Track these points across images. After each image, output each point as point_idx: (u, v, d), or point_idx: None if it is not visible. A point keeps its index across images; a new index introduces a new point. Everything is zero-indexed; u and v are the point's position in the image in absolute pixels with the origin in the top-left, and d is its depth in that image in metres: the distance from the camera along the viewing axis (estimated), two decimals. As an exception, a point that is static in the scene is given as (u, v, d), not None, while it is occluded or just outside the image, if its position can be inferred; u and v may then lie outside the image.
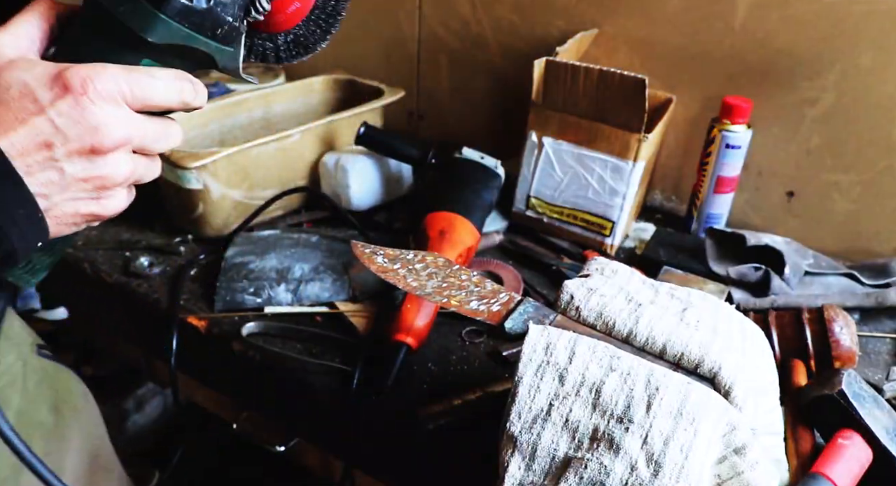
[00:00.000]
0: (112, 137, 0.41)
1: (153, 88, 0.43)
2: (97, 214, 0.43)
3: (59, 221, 0.42)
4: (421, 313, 0.82)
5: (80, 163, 0.41)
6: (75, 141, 0.40)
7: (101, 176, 0.42)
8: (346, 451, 0.80)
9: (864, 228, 1.04)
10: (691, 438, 0.50)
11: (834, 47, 0.96)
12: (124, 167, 0.43)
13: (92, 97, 0.40)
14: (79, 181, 0.41)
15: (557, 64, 0.96)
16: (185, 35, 0.44)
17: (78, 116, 0.39)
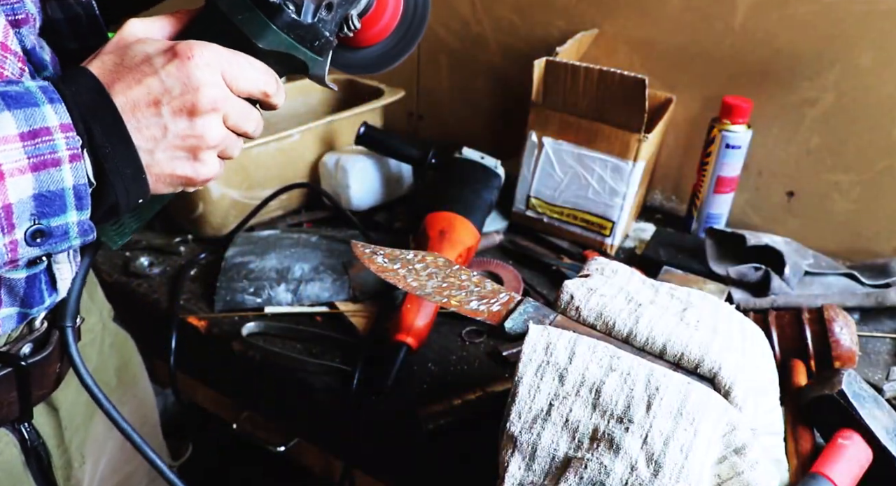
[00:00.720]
0: (209, 97, 0.46)
1: (246, 72, 0.48)
2: (190, 177, 0.48)
3: (157, 178, 0.47)
4: (421, 313, 0.82)
5: (182, 121, 0.46)
6: (178, 98, 0.45)
7: (197, 135, 0.46)
8: (346, 451, 0.80)
9: (864, 228, 1.04)
10: (691, 438, 0.50)
11: (834, 47, 0.96)
12: (217, 131, 0.48)
13: (197, 62, 0.46)
14: (178, 138, 0.46)
15: (557, 64, 0.96)
16: (288, 44, 0.51)
17: (183, 77, 0.45)
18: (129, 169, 0.45)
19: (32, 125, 0.41)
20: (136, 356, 0.83)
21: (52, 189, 0.42)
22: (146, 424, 0.83)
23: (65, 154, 0.42)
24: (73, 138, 0.42)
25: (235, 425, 0.97)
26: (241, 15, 0.49)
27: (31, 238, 0.42)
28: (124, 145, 0.44)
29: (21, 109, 0.41)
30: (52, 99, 0.42)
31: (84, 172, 0.43)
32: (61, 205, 0.43)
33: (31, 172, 0.41)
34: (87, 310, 0.71)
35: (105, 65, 0.46)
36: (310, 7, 0.51)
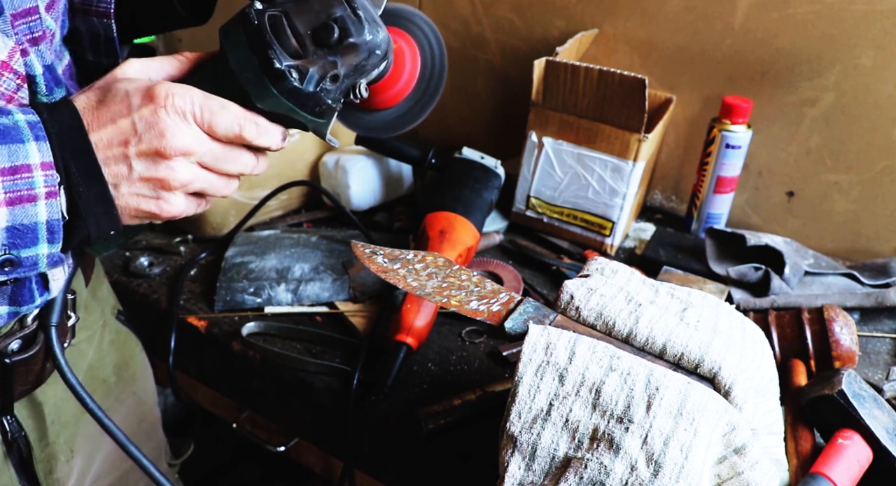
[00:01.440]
0: (174, 145, 0.48)
1: (219, 117, 0.50)
2: (154, 212, 0.50)
3: (123, 211, 0.49)
4: (421, 313, 0.82)
5: (146, 162, 0.48)
6: (145, 142, 0.47)
7: (160, 178, 0.48)
8: (346, 451, 0.80)
9: (864, 228, 1.04)
10: (691, 438, 0.50)
11: (834, 47, 0.96)
12: (182, 174, 0.49)
13: (168, 109, 0.48)
14: (142, 179, 0.48)
15: (557, 64, 0.96)
16: (288, 108, 0.52)
17: (153, 122, 0.47)
18: (100, 206, 0.48)
19: (14, 161, 0.43)
20: (140, 354, 0.83)
21: (25, 223, 0.44)
22: (145, 421, 0.84)
23: (41, 191, 0.44)
24: (52, 176, 0.45)
25: (235, 425, 0.97)
26: (247, 74, 0.50)
27: (1, 268, 0.45)
28: (97, 184, 0.47)
29: (6, 145, 0.43)
30: (38, 136, 0.44)
31: (58, 209, 0.45)
32: (33, 238, 0.45)
33: (5, 206, 0.43)
34: (87, 307, 0.72)
35: (89, 101, 0.48)
36: (314, 77, 0.51)
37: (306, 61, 0.51)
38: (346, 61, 0.53)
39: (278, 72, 0.50)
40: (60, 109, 0.47)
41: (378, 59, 0.55)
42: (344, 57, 0.52)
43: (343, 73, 0.53)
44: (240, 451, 1.50)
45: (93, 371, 0.73)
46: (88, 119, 0.47)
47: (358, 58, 0.53)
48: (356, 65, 0.53)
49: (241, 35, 0.50)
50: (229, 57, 0.51)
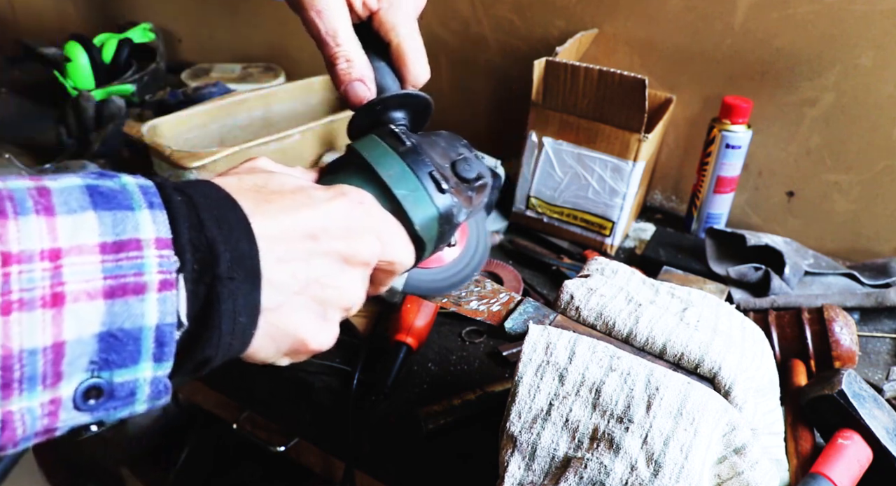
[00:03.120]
0: (368, 252, 0.40)
1: (398, 241, 0.43)
2: (306, 339, 0.39)
3: (268, 334, 0.36)
4: (421, 313, 0.82)
5: (332, 265, 0.38)
6: (339, 239, 0.38)
7: (339, 287, 0.39)
8: (346, 451, 0.80)
9: (864, 228, 1.04)
10: (691, 438, 0.50)
11: (834, 47, 0.96)
12: (359, 289, 0.41)
13: (365, 208, 0.40)
14: (319, 284, 0.38)
15: (557, 64, 0.96)
16: (432, 237, 0.46)
17: (349, 219, 0.39)
18: (244, 316, 0.34)
19: (120, 235, 0.30)
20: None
21: (127, 327, 0.30)
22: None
23: (154, 278, 0.30)
24: (168, 259, 0.31)
25: (235, 425, 0.96)
26: (404, 191, 0.45)
27: (82, 398, 0.29)
28: (252, 283, 0.34)
29: (110, 212, 0.30)
30: (153, 204, 0.31)
31: (174, 308, 0.31)
32: (134, 351, 0.30)
33: (102, 299, 0.29)
34: None
35: (242, 182, 0.38)
36: (462, 208, 0.47)
37: (455, 191, 0.47)
38: (476, 201, 0.49)
39: (442, 191, 0.45)
40: (194, 183, 0.35)
41: (482, 206, 0.52)
42: (476, 195, 0.49)
43: (473, 212, 0.49)
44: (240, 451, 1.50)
45: None
46: (245, 203, 0.35)
47: (482, 199, 0.50)
48: (478, 206, 0.50)
49: (392, 151, 0.46)
50: (380, 172, 0.45)
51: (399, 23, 0.52)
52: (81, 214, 0.29)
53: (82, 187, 0.30)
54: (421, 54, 0.53)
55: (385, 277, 0.45)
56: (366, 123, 0.51)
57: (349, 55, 0.50)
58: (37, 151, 1.32)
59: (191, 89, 1.35)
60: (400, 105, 0.52)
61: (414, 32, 0.53)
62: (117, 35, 1.57)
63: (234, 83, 1.41)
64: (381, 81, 0.52)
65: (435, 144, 0.49)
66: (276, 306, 0.36)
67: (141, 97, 1.49)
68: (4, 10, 2.09)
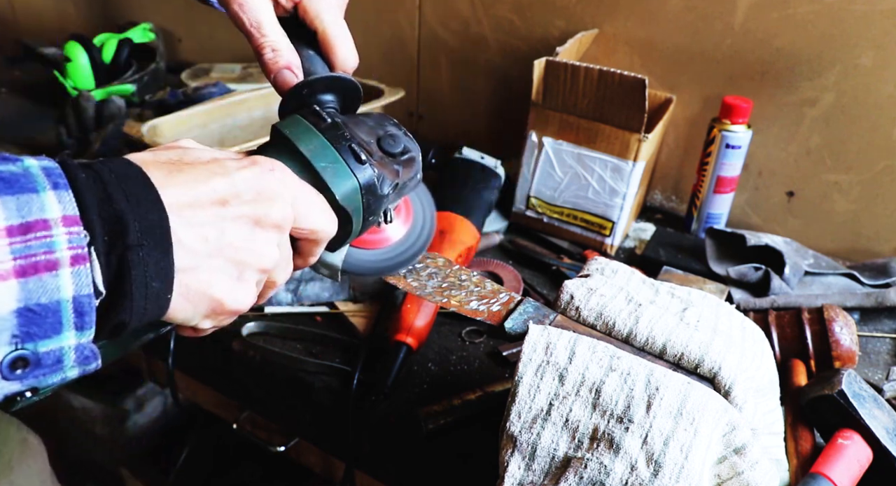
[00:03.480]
0: (279, 215, 0.41)
1: (314, 209, 0.45)
2: (221, 301, 0.40)
3: (184, 296, 0.38)
4: (421, 313, 0.82)
5: (242, 228, 0.40)
6: (248, 204, 0.40)
7: (252, 250, 0.41)
8: (346, 451, 0.80)
9: (864, 228, 1.04)
10: (691, 438, 0.50)
11: (834, 47, 0.96)
12: (274, 251, 0.42)
13: (277, 175, 0.42)
14: (232, 247, 0.40)
15: (557, 64, 0.96)
16: (356, 207, 0.48)
17: (259, 185, 0.41)
18: (157, 281, 0.36)
19: (26, 217, 0.31)
20: (16, 434, 0.76)
21: (44, 302, 0.32)
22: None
23: (65, 254, 0.32)
24: (79, 235, 0.33)
25: (235, 425, 0.97)
26: (324, 163, 0.47)
27: (9, 368, 0.31)
28: (162, 250, 0.36)
29: (14, 196, 0.32)
30: (58, 184, 0.33)
31: (89, 279, 0.33)
32: (55, 322, 0.32)
33: (15, 278, 0.31)
34: None
35: (157, 157, 0.39)
36: (386, 180, 0.49)
37: (378, 164, 0.49)
38: (404, 174, 0.51)
39: (362, 162, 0.47)
40: (106, 162, 0.36)
41: (416, 182, 0.54)
42: (404, 169, 0.51)
43: (400, 185, 0.51)
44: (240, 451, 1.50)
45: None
46: (157, 175, 0.37)
47: (411, 173, 0.52)
48: (408, 180, 0.52)
49: (312, 128, 0.48)
50: (300, 147, 0.47)
51: (322, 10, 0.55)
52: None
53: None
54: (346, 40, 0.55)
55: (309, 246, 0.47)
56: (294, 107, 0.52)
57: (274, 45, 0.52)
58: (37, 151, 1.32)
59: (191, 89, 1.35)
60: (327, 88, 0.54)
61: (338, 19, 0.55)
62: (117, 35, 1.57)
63: (234, 83, 1.41)
64: (311, 67, 0.54)
65: (362, 123, 0.52)
66: (189, 268, 0.38)
67: (141, 97, 1.49)
68: (4, 10, 2.09)
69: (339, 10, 0.56)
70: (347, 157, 0.47)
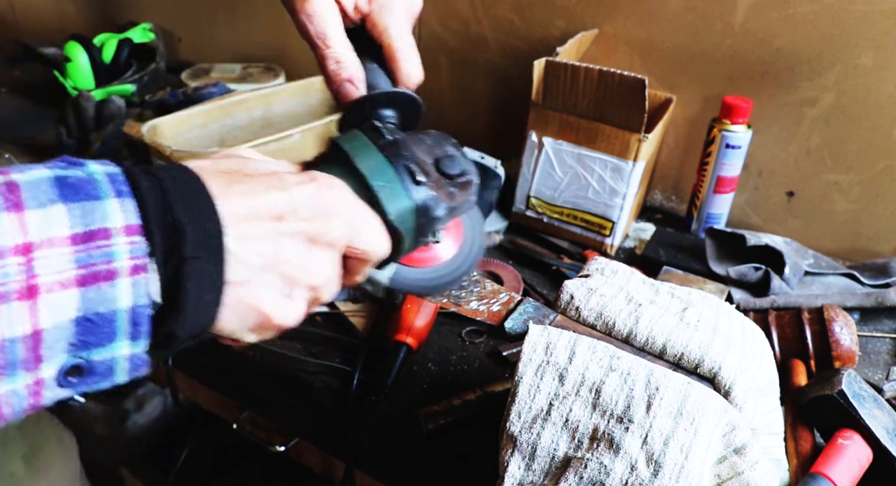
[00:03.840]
0: (335, 234, 0.41)
1: (369, 230, 0.44)
2: (271, 315, 0.40)
3: (232, 309, 0.38)
4: (421, 313, 0.82)
5: (298, 245, 0.40)
6: (305, 221, 0.40)
7: (305, 267, 0.40)
8: (346, 451, 0.80)
9: (864, 228, 1.04)
10: (691, 438, 0.50)
11: (834, 47, 0.96)
12: (327, 269, 0.42)
13: (336, 193, 0.42)
14: (287, 263, 0.39)
15: (557, 64, 0.96)
16: (409, 228, 0.47)
17: (318, 202, 0.40)
18: (209, 294, 0.36)
19: (89, 225, 0.32)
20: (55, 433, 0.77)
21: (101, 311, 0.32)
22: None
23: (125, 265, 0.32)
24: (139, 245, 0.33)
25: (235, 425, 0.96)
26: (380, 182, 0.46)
27: (63, 377, 0.32)
28: (216, 262, 0.36)
29: (79, 203, 0.32)
30: (121, 192, 0.33)
31: (146, 290, 0.33)
32: (110, 332, 0.33)
33: (76, 288, 0.31)
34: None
35: (217, 165, 0.39)
36: (440, 202, 0.48)
37: (434, 185, 0.48)
38: (459, 197, 0.50)
39: (418, 183, 0.46)
40: (166, 168, 0.36)
41: (470, 205, 0.52)
42: (459, 191, 0.50)
43: (455, 207, 0.50)
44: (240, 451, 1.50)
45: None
46: (215, 184, 0.37)
47: (466, 196, 0.51)
48: (463, 203, 0.51)
49: (372, 145, 0.47)
50: (358, 163, 0.46)
51: (390, 24, 0.53)
52: (51, 208, 0.31)
53: (51, 179, 0.32)
54: (412, 55, 0.54)
55: (358, 265, 0.46)
56: (355, 120, 0.51)
57: (339, 57, 0.51)
58: (37, 151, 1.32)
59: (191, 89, 1.34)
60: (389, 103, 0.53)
61: (405, 34, 0.54)
62: (117, 35, 1.57)
63: (234, 83, 1.41)
64: (374, 81, 0.53)
65: (420, 141, 0.50)
66: (241, 282, 0.37)
67: (141, 97, 1.49)
68: (4, 10, 2.09)
69: (408, 24, 0.55)
70: (404, 177, 0.46)
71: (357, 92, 0.52)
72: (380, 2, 0.54)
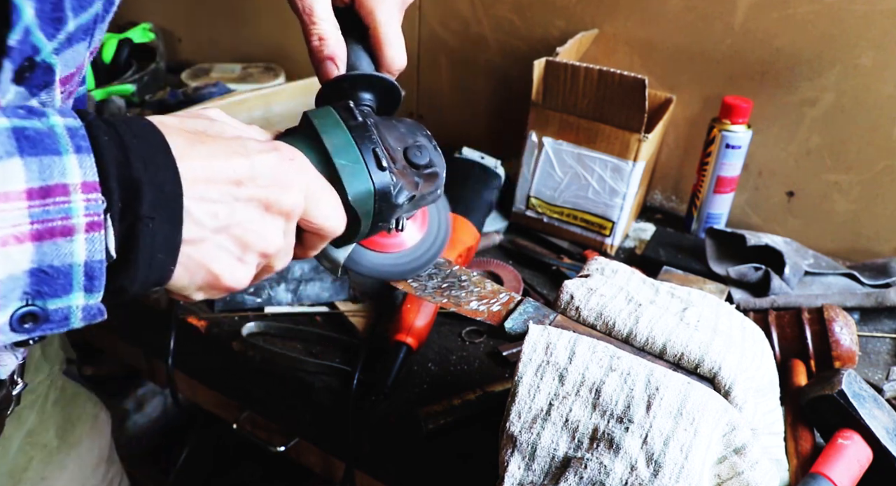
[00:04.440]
0: (290, 203, 0.42)
1: (325, 204, 0.45)
2: (220, 275, 0.41)
3: (185, 265, 0.39)
4: (421, 313, 0.82)
5: (253, 210, 0.40)
6: (263, 188, 0.40)
7: (258, 233, 0.41)
8: (346, 451, 0.80)
9: (864, 228, 1.04)
10: (691, 438, 0.50)
11: (834, 47, 0.96)
12: (279, 237, 0.43)
13: (296, 165, 0.42)
14: (240, 226, 0.40)
15: (557, 64, 0.96)
16: (366, 211, 0.48)
17: (278, 171, 0.41)
18: (162, 253, 0.37)
19: (47, 180, 0.32)
20: (91, 410, 0.78)
21: (56, 265, 0.33)
22: (87, 484, 0.78)
23: (81, 221, 0.33)
24: (96, 202, 0.33)
25: (235, 425, 0.97)
26: (344, 161, 0.46)
27: (17, 322, 0.33)
28: (172, 224, 0.36)
29: (37, 157, 0.32)
30: (80, 147, 0.33)
31: (102, 246, 0.34)
32: (65, 284, 0.34)
33: (31, 242, 0.32)
34: (36, 368, 0.67)
35: (183, 124, 0.40)
36: (403, 190, 0.48)
37: (399, 173, 0.48)
38: (423, 188, 0.51)
39: (381, 168, 0.47)
40: (130, 123, 0.36)
41: (436, 197, 0.53)
42: (424, 182, 0.51)
43: (418, 197, 0.51)
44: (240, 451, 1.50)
45: (32, 437, 0.68)
46: (179, 143, 0.37)
47: (432, 188, 0.52)
48: (427, 194, 0.52)
49: (341, 123, 0.47)
50: (325, 139, 0.46)
51: (378, 7, 0.54)
52: (8, 161, 0.31)
53: (9, 130, 0.32)
54: (397, 40, 0.55)
55: (314, 239, 0.47)
56: (331, 99, 0.52)
57: (322, 33, 0.52)
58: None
59: (191, 89, 1.35)
60: (367, 86, 0.53)
61: (393, 19, 0.55)
62: (117, 35, 1.57)
63: (234, 83, 1.41)
64: (356, 63, 0.54)
65: (393, 128, 0.51)
66: (194, 241, 0.38)
67: (141, 97, 1.49)
68: (4, 10, 2.08)
69: (398, 10, 0.56)
70: (369, 159, 0.47)
71: (336, 71, 0.52)
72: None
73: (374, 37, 0.54)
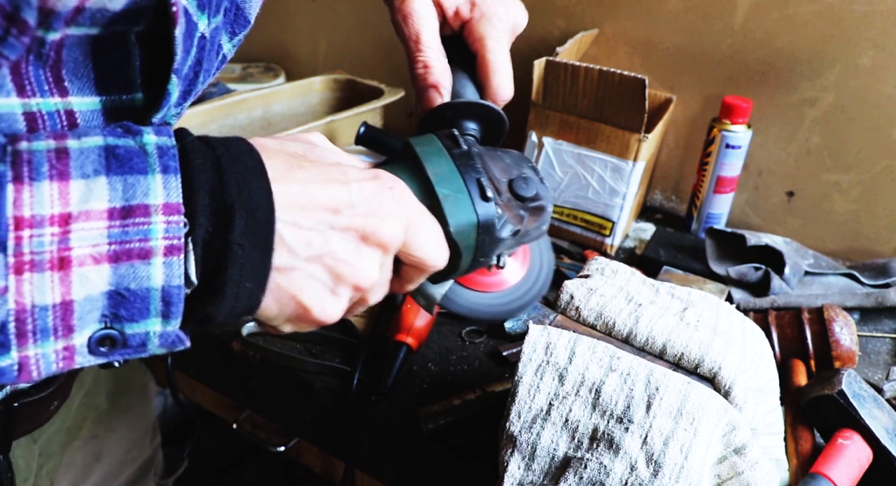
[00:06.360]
0: (388, 234, 0.39)
1: (428, 238, 0.42)
2: (311, 308, 0.39)
3: (274, 293, 0.37)
4: (421, 313, 0.82)
5: (348, 241, 0.38)
6: (360, 217, 0.38)
7: (352, 264, 0.39)
8: (346, 451, 0.80)
9: (864, 228, 1.04)
10: (691, 438, 0.50)
11: (834, 47, 0.96)
12: (373, 271, 0.40)
13: (396, 194, 0.40)
14: (333, 257, 0.38)
15: (557, 64, 0.96)
16: (468, 245, 0.45)
17: (376, 201, 0.39)
18: (251, 282, 0.35)
19: (129, 200, 0.31)
20: (140, 379, 0.79)
21: (133, 288, 0.32)
22: (133, 448, 0.80)
23: (159, 244, 0.32)
24: (176, 225, 0.32)
25: (235, 425, 0.96)
26: (447, 191, 0.44)
27: (95, 345, 0.33)
28: (263, 251, 0.35)
29: (122, 176, 0.32)
30: (168, 168, 0.33)
31: (181, 271, 0.33)
32: (142, 309, 0.33)
33: (108, 263, 0.31)
34: None
35: (283, 147, 0.38)
36: (507, 224, 0.46)
37: (503, 205, 0.46)
38: (528, 222, 0.48)
39: (486, 199, 0.44)
40: (228, 144, 0.36)
41: (540, 233, 0.50)
42: (530, 216, 0.48)
43: (522, 232, 0.48)
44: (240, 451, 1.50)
45: (88, 398, 0.69)
46: (276, 166, 0.36)
47: (537, 222, 0.49)
48: (532, 229, 0.49)
49: (444, 151, 0.45)
50: (427, 168, 0.44)
51: (487, 35, 0.53)
52: (94, 179, 0.31)
53: (101, 148, 0.32)
54: (504, 69, 0.53)
55: (413, 273, 0.44)
56: (434, 128, 0.50)
57: (427, 61, 0.51)
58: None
59: (191, 89, 1.34)
60: (471, 115, 0.52)
61: (501, 46, 0.53)
62: (117, 35, 1.57)
63: (234, 83, 1.41)
64: (461, 91, 0.52)
65: (498, 158, 0.48)
66: (286, 269, 0.37)
67: (141, 97, 1.49)
68: (4, 10, 2.09)
69: (507, 37, 0.54)
70: (473, 189, 0.44)
71: (439, 99, 0.51)
72: (482, 10, 0.53)
73: (482, 64, 0.53)
